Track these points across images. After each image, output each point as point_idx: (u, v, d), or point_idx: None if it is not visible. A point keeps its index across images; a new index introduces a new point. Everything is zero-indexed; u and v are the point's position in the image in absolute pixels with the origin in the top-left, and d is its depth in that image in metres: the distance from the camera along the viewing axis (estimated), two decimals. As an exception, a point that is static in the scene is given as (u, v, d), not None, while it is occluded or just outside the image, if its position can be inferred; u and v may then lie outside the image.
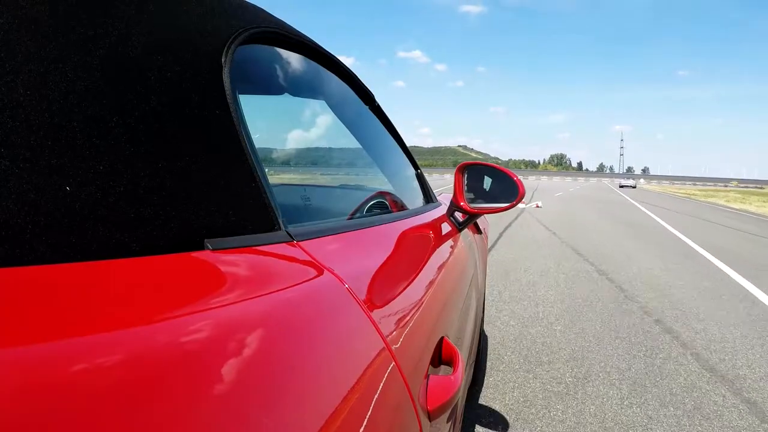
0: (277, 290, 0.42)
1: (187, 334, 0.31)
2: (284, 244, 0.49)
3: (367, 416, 0.42)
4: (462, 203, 1.27)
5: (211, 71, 0.48)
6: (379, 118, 1.15)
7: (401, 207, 1.15)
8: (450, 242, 1.16)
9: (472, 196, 1.30)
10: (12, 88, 0.30)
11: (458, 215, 1.31)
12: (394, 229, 0.88)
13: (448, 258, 1.06)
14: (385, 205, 1.11)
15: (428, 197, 1.38)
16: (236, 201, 0.45)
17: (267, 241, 0.47)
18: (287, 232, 0.50)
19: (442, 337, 0.73)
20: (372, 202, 1.07)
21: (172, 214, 0.38)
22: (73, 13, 0.37)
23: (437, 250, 1.02)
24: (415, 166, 1.38)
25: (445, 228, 1.21)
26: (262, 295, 0.39)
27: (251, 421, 0.30)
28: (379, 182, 1.21)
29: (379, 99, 1.11)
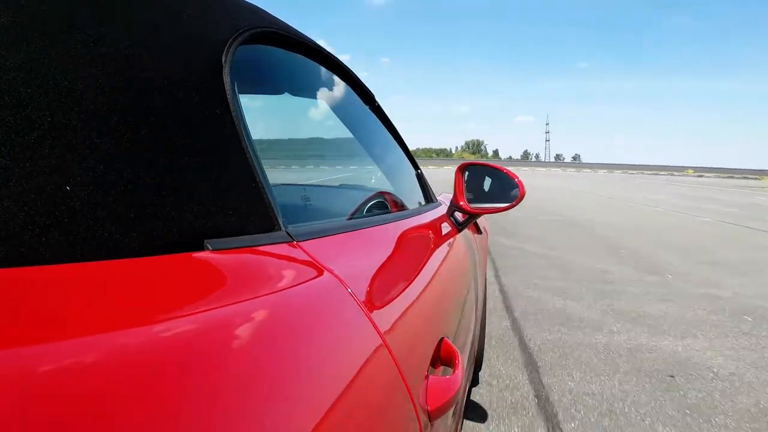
0: (277, 290, 0.41)
1: (187, 334, 0.31)
2: (284, 245, 0.49)
3: (367, 417, 0.42)
4: (462, 203, 1.27)
5: (211, 71, 0.48)
6: (379, 118, 1.15)
7: (401, 207, 1.15)
8: (450, 242, 1.16)
9: (471, 196, 1.30)
10: (12, 88, 0.30)
11: (458, 215, 1.31)
12: (394, 229, 0.88)
13: (448, 258, 1.06)
14: (385, 205, 1.10)
15: (428, 197, 1.38)
16: (236, 201, 0.45)
17: (267, 242, 0.46)
18: (287, 233, 0.50)
19: (442, 338, 0.73)
20: (372, 202, 1.07)
21: (172, 215, 0.38)
22: (73, 13, 0.37)
23: (437, 250, 1.02)
24: (415, 166, 1.38)
25: (445, 228, 1.21)
26: (262, 296, 0.39)
27: (251, 421, 0.30)
28: (379, 182, 1.20)
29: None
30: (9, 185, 0.28)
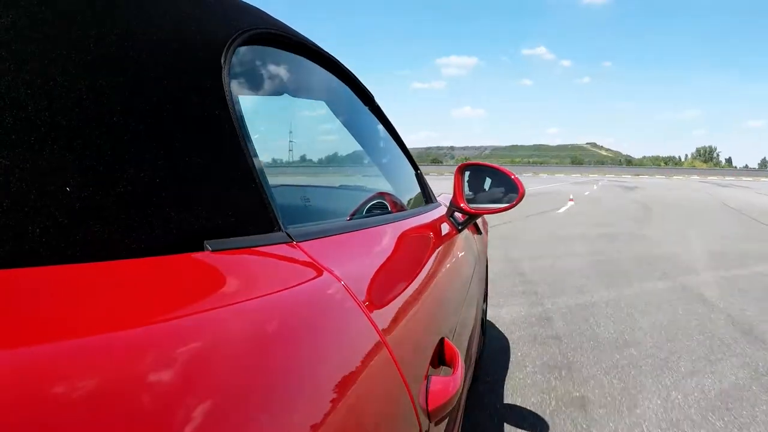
0: (277, 291, 0.42)
1: (187, 334, 0.31)
2: (284, 245, 0.49)
3: (367, 417, 0.42)
4: (462, 204, 1.27)
5: (210, 72, 0.48)
6: (378, 119, 1.15)
7: (401, 208, 1.15)
8: (450, 243, 1.16)
9: (471, 196, 1.30)
10: (12, 88, 0.30)
11: (458, 216, 1.31)
12: (393, 229, 0.88)
13: (448, 259, 1.06)
14: (385, 206, 1.10)
15: (428, 198, 1.38)
16: (236, 202, 0.45)
17: (266, 242, 0.46)
18: (287, 233, 0.50)
19: (442, 338, 0.73)
20: (372, 203, 1.07)
21: (171, 215, 0.38)
22: (73, 13, 0.37)
23: (437, 250, 1.02)
24: (415, 167, 1.38)
25: (445, 228, 1.21)
26: (261, 296, 0.39)
27: (250, 422, 0.30)
28: (379, 183, 1.20)
29: (505, 100, 1.06)
30: (9, 186, 0.28)
